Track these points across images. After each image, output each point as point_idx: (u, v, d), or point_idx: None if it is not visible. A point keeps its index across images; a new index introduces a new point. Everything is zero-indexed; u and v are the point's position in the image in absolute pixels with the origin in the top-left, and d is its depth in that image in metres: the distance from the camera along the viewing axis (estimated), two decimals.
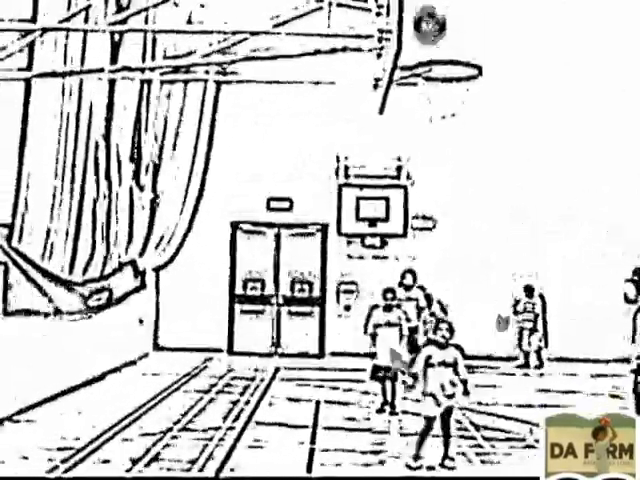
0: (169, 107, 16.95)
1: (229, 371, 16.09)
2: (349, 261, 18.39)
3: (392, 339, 12.16)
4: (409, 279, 14.49)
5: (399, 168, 18.18)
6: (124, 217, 16.11)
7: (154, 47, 15.83)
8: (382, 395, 12.31)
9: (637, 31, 17.28)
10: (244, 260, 18.41)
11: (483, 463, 9.65)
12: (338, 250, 18.40)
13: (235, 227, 18.44)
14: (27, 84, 14.03)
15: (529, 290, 17.10)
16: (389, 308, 12.26)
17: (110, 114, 15.44)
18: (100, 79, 14.80)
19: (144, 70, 15.58)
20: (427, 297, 14.63)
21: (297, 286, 18.39)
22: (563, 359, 17.07)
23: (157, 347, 18.35)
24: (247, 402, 13.01)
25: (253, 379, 15.19)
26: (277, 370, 16.26)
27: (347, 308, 18.28)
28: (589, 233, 17.51)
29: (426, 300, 14.56)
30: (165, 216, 17.11)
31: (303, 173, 18.08)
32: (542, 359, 16.90)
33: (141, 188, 16.72)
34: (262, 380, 15.10)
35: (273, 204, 18.37)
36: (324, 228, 18.42)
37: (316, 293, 18.39)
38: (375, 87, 13.99)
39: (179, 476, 9.02)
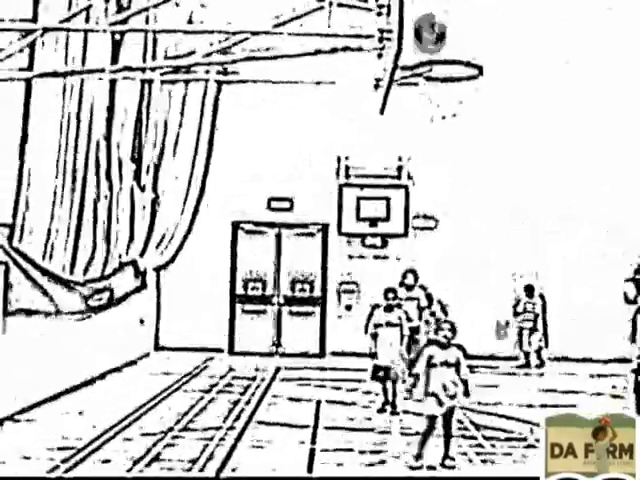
0: (170, 107, 16.96)
1: (230, 371, 16.10)
2: (350, 261, 18.39)
3: (393, 339, 12.17)
4: (410, 279, 14.48)
5: (400, 168, 18.19)
6: (125, 217, 16.12)
7: (155, 47, 15.84)
8: (383, 395, 12.32)
9: (637, 31, 17.29)
10: (245, 260, 18.41)
11: (484, 463, 9.65)
12: (339, 250, 18.40)
13: (236, 227, 18.45)
14: (28, 84, 14.02)
15: (529, 290, 17.11)
16: (390, 308, 12.26)
17: (111, 114, 15.45)
18: (101, 79, 14.80)
19: (145, 70, 15.58)
20: (428, 297, 14.63)
21: (298, 286, 18.39)
22: (563, 359, 17.08)
23: (158, 347, 18.35)
24: (248, 402, 13.02)
25: (254, 379, 15.20)
26: (278, 370, 16.27)
27: (348, 308, 18.29)
28: (589, 233, 17.51)
29: (427, 300, 14.56)
30: (166, 216, 17.12)
31: (304, 173, 18.09)
32: (542, 359, 16.91)
33: (142, 188, 16.72)
34: (263, 380, 15.10)
35: (274, 204, 18.38)
36: (325, 228, 18.42)
37: (317, 293, 18.39)
38: (376, 87, 13.99)
39: (180, 476, 9.03)
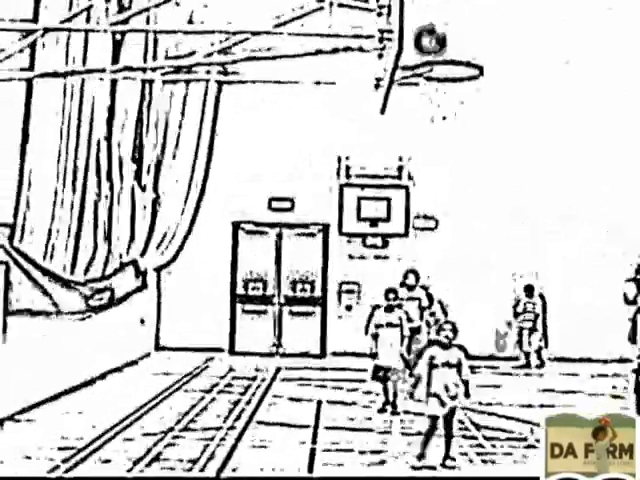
0: (171, 107, 16.97)
1: (230, 371, 16.10)
2: (350, 261, 18.39)
3: (393, 340, 12.17)
4: (412, 279, 14.48)
5: (400, 168, 18.19)
6: (125, 217, 16.12)
7: (156, 47, 15.84)
8: (384, 395, 12.32)
9: (637, 31, 17.29)
10: (245, 260, 18.42)
11: (484, 463, 9.65)
12: (339, 250, 18.41)
13: (236, 227, 18.45)
14: (29, 84, 14.03)
15: (529, 290, 17.11)
16: (390, 309, 12.26)
17: (112, 114, 15.46)
18: (102, 79, 14.81)
19: (146, 70, 15.58)
20: (429, 297, 14.64)
21: (298, 286, 18.40)
22: (563, 359, 17.08)
23: (158, 347, 18.36)
24: (248, 402, 13.02)
25: (254, 379, 15.20)
26: (278, 370, 16.27)
27: (348, 308, 18.29)
28: (589, 233, 17.51)
29: (428, 300, 14.57)
30: (167, 216, 17.12)
31: (304, 173, 18.09)
32: (543, 359, 16.91)
33: (143, 188, 16.73)
34: (263, 380, 15.11)
35: (274, 204, 18.38)
36: (325, 228, 18.43)
37: (317, 293, 18.39)
38: (376, 87, 13.99)
39: (180, 476, 9.03)
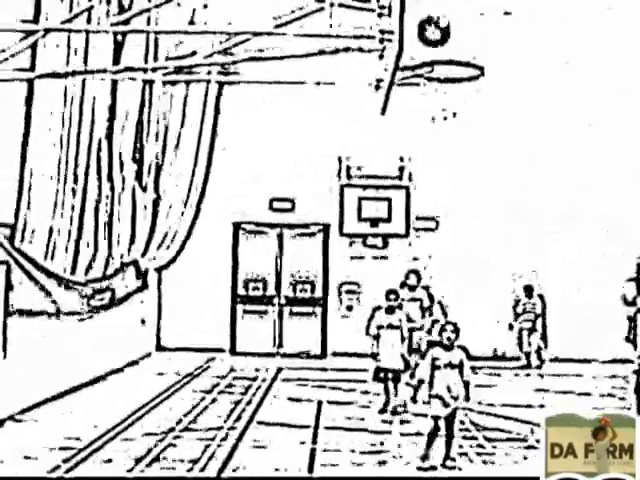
0: (171, 108, 16.97)
1: (231, 371, 16.11)
2: (351, 261, 18.40)
3: (394, 341, 12.18)
4: (413, 279, 14.47)
5: (401, 169, 18.19)
6: (126, 217, 16.13)
7: (156, 48, 15.85)
8: (385, 395, 12.31)
9: (637, 31, 17.29)
10: (246, 260, 18.42)
11: (484, 463, 9.66)
12: (340, 250, 18.41)
13: (237, 227, 18.46)
14: (30, 85, 14.04)
15: (528, 290, 17.11)
16: (391, 310, 12.25)
17: (112, 115, 15.46)
18: (102, 80, 14.82)
19: (146, 71, 15.59)
20: (430, 297, 14.63)
21: (299, 286, 18.40)
22: (563, 359, 17.08)
23: (159, 347, 18.36)
24: (249, 402, 13.03)
25: (255, 379, 15.21)
26: (279, 370, 16.27)
27: (349, 308, 18.29)
28: (589, 233, 17.51)
29: (429, 300, 14.56)
30: (167, 216, 17.12)
31: (305, 173, 18.09)
32: (542, 358, 16.92)
33: (143, 188, 16.73)
34: (264, 380, 15.11)
35: (275, 204, 18.39)
36: (326, 228, 18.43)
37: (318, 293, 18.40)
38: (377, 88, 13.99)
39: (181, 476, 9.04)
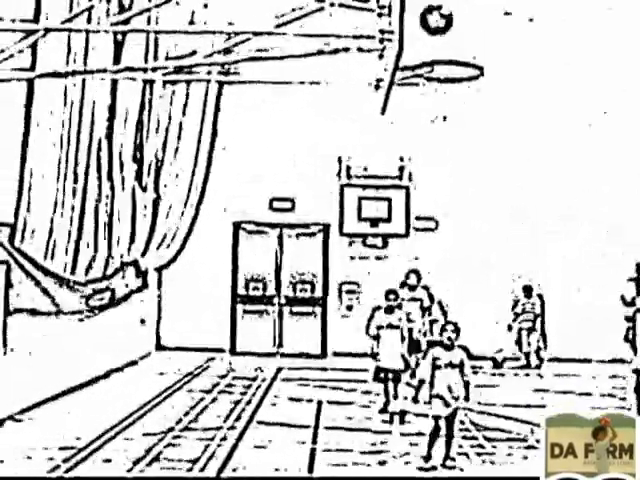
0: (171, 107, 16.97)
1: (231, 371, 16.11)
2: (351, 261, 18.40)
3: (394, 341, 12.17)
4: (413, 279, 14.47)
5: (401, 168, 18.19)
6: (126, 217, 16.13)
7: (156, 47, 15.85)
8: (384, 395, 12.30)
9: (637, 31, 17.29)
10: (246, 260, 18.42)
11: (484, 463, 9.66)
12: (340, 250, 18.41)
13: (237, 227, 18.46)
14: (30, 84, 14.04)
15: (527, 290, 17.11)
16: (391, 310, 12.24)
17: (113, 114, 15.46)
18: (103, 79, 14.81)
19: (146, 70, 15.59)
20: (430, 297, 14.64)
21: (299, 286, 18.40)
22: (563, 359, 17.08)
23: (159, 347, 18.37)
24: (249, 402, 13.03)
25: (255, 379, 15.21)
26: (279, 370, 16.28)
27: (349, 308, 18.29)
28: (589, 233, 17.51)
29: (430, 300, 14.57)
30: (167, 216, 17.13)
31: (305, 173, 18.09)
32: (541, 358, 16.92)
33: (143, 188, 16.73)
34: (264, 380, 15.12)
35: (275, 204, 18.39)
36: (326, 228, 18.43)
37: (318, 293, 18.40)
38: (377, 88, 13.99)
39: (180, 476, 9.04)
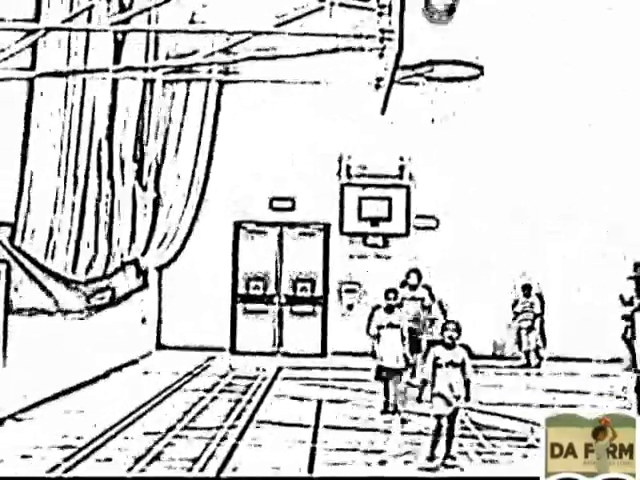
0: (172, 107, 16.98)
1: (231, 370, 16.11)
2: (351, 260, 18.40)
3: (395, 340, 12.17)
4: (414, 279, 14.46)
5: (401, 168, 18.20)
6: (127, 216, 16.14)
7: (157, 47, 15.87)
8: (384, 395, 12.29)
9: (637, 31, 17.29)
10: (246, 259, 18.42)
11: (484, 462, 9.66)
12: (340, 249, 18.41)
13: (238, 226, 18.46)
14: (30, 84, 14.06)
15: (526, 289, 17.11)
16: (391, 309, 12.24)
17: (113, 114, 15.48)
18: (103, 79, 14.83)
19: (147, 70, 15.61)
20: (431, 296, 14.64)
21: (299, 285, 18.40)
22: (563, 359, 17.08)
23: (160, 346, 18.37)
24: (249, 401, 13.03)
25: (255, 378, 15.21)
26: (279, 369, 16.28)
27: (349, 307, 18.30)
28: (589, 233, 17.51)
29: (431, 299, 14.57)
30: (168, 215, 17.14)
31: (305, 173, 18.09)
32: (541, 357, 16.92)
33: (144, 187, 16.74)
34: (264, 379, 15.12)
35: (276, 204, 18.39)
36: (326, 227, 18.43)
37: (318, 292, 18.40)
38: (377, 87, 14.00)
39: (181, 476, 9.05)
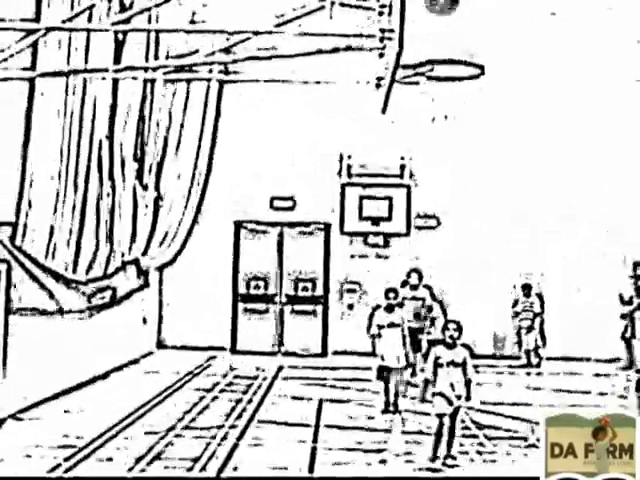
0: (172, 106, 16.98)
1: (232, 370, 16.12)
2: (352, 260, 18.40)
3: (395, 339, 12.17)
4: (415, 278, 14.47)
5: (402, 167, 18.20)
6: (127, 216, 16.14)
7: (157, 46, 15.86)
8: (385, 395, 12.29)
9: (637, 32, 17.28)
10: (247, 259, 18.43)
11: (485, 462, 9.66)
12: (341, 249, 18.41)
13: (238, 226, 18.47)
14: (31, 84, 14.05)
15: (526, 289, 17.10)
16: (391, 308, 12.25)
17: (113, 113, 15.47)
18: (104, 78, 14.82)
19: (147, 69, 15.60)
20: (432, 296, 14.64)
21: (300, 285, 18.41)
22: (563, 358, 17.08)
23: (161, 345, 18.38)
24: (250, 401, 13.04)
25: (256, 378, 15.22)
26: (280, 369, 16.29)
27: (350, 307, 18.30)
28: (589, 233, 17.51)
29: (432, 299, 14.58)
30: (168, 215, 17.14)
31: (306, 172, 18.10)
32: (540, 356, 16.92)
33: (144, 187, 16.74)
34: (265, 379, 15.12)
35: (276, 203, 18.40)
36: (327, 227, 18.44)
37: (319, 292, 18.41)
38: (377, 86, 14.00)
39: (181, 476, 9.05)
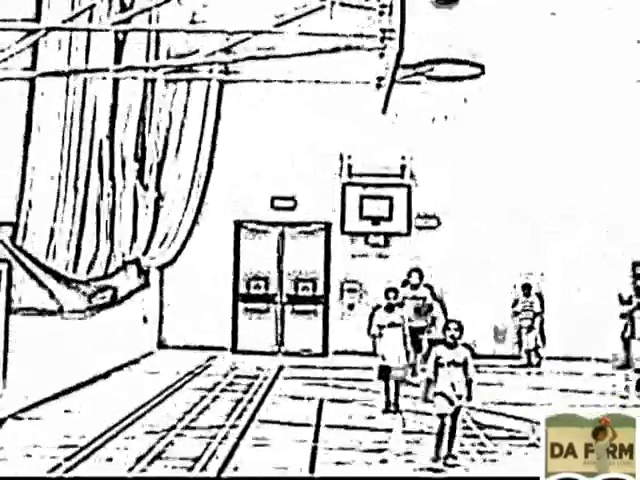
0: (173, 106, 16.99)
1: (233, 369, 16.13)
2: (352, 260, 18.41)
3: (397, 339, 12.17)
4: (415, 278, 14.48)
5: (403, 167, 18.20)
6: (128, 216, 16.15)
7: (157, 46, 15.87)
8: (385, 395, 12.29)
9: (637, 32, 17.28)
10: (248, 259, 18.43)
11: (485, 462, 9.67)
12: (342, 249, 18.42)
13: (239, 226, 18.47)
14: (31, 84, 14.06)
15: (526, 289, 17.11)
16: (391, 308, 12.24)
17: (114, 113, 15.48)
18: (104, 78, 14.83)
19: (148, 69, 15.61)
20: (433, 296, 14.65)
21: (301, 285, 18.41)
22: (564, 358, 17.09)
23: (161, 345, 18.39)
24: (250, 400, 13.04)
25: (256, 377, 15.22)
26: (280, 368, 16.29)
27: (351, 307, 18.30)
28: (589, 233, 17.51)
29: (433, 299, 14.59)
30: (169, 215, 17.15)
31: (306, 172, 18.10)
32: (540, 356, 16.93)
33: (145, 187, 16.75)
34: (265, 378, 15.13)
35: (277, 203, 18.40)
36: (328, 227, 18.44)
37: (320, 292, 18.41)
38: (378, 86, 14.00)
39: (181, 476, 9.05)
